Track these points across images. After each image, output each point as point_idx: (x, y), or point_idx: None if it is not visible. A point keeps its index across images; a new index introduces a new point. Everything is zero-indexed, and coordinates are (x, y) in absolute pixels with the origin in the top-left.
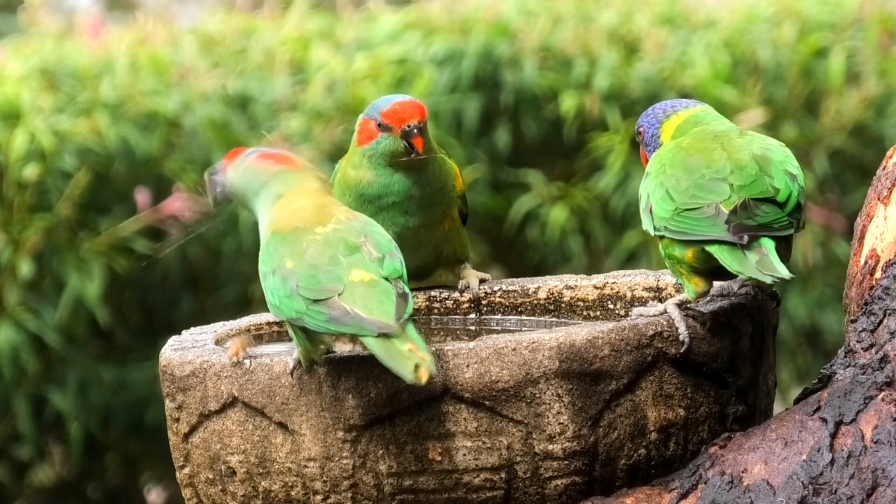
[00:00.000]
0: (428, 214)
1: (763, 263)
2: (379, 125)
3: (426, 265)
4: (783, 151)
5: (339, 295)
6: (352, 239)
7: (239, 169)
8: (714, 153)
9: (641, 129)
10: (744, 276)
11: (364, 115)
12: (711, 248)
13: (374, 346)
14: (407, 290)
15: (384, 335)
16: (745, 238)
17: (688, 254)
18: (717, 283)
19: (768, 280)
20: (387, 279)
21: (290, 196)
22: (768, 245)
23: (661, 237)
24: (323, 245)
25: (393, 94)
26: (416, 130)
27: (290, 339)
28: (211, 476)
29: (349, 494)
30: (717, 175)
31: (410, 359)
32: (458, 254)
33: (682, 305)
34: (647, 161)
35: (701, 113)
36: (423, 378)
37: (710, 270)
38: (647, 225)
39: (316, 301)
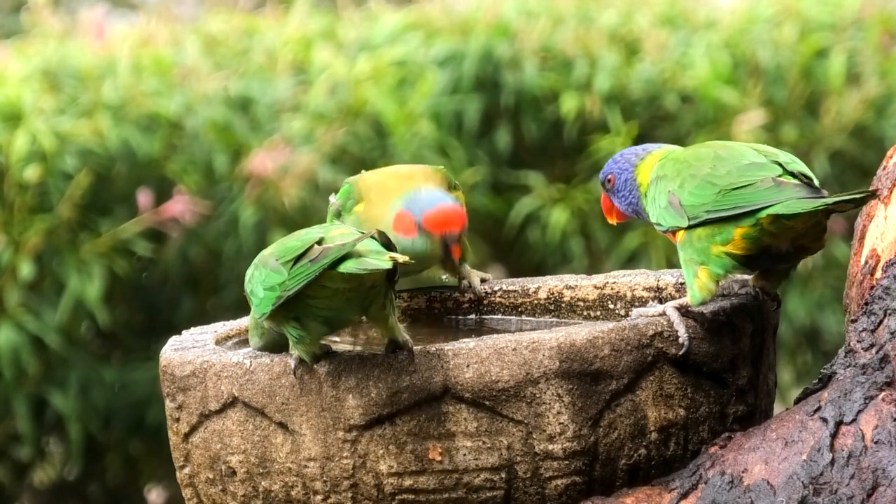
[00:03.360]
0: None
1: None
2: (420, 227)
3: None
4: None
5: (318, 243)
6: (332, 227)
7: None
8: (736, 149)
9: (611, 177)
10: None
11: (403, 208)
12: (776, 209)
13: (351, 265)
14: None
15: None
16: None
17: (735, 235)
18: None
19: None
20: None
21: None
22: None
23: (695, 226)
24: (304, 232)
25: (428, 195)
26: (454, 241)
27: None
28: (211, 476)
29: (349, 494)
30: (757, 160)
31: (385, 260)
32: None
33: (681, 308)
34: (610, 210)
35: (676, 150)
36: (400, 259)
37: (753, 253)
38: (671, 221)
39: (296, 260)
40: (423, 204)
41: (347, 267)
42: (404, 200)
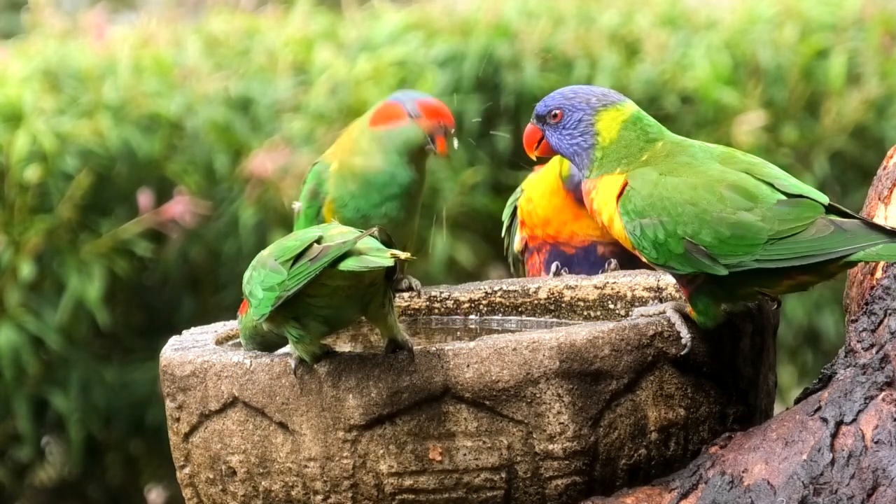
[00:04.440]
0: (411, 214)
1: None
2: (413, 113)
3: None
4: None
5: (317, 242)
6: (329, 226)
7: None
8: (739, 178)
9: (559, 112)
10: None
11: (391, 99)
12: (860, 256)
13: (352, 263)
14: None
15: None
16: None
17: (785, 282)
18: None
19: None
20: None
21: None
22: None
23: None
24: (302, 232)
25: (411, 92)
26: (444, 132)
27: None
28: (211, 476)
29: (349, 494)
30: (776, 195)
31: (385, 258)
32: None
33: (680, 310)
34: (535, 144)
35: (637, 114)
36: (402, 256)
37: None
38: (694, 267)
39: (295, 260)
40: (415, 95)
41: (348, 265)
42: (387, 98)
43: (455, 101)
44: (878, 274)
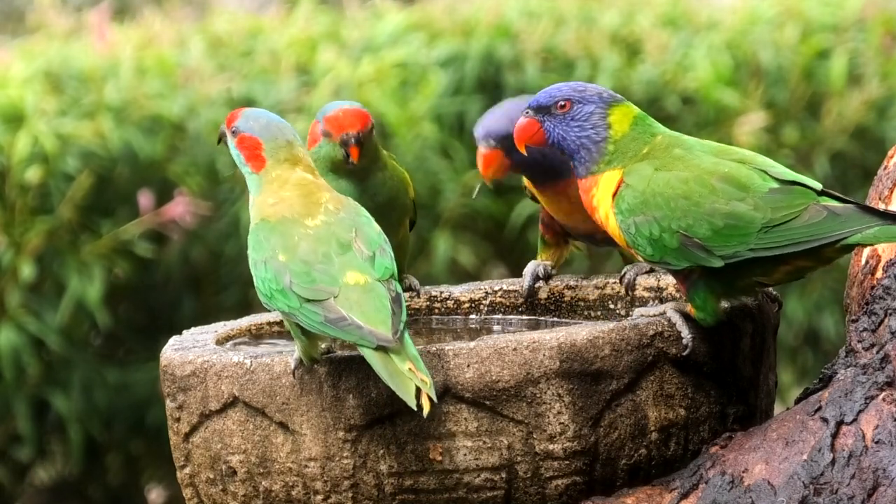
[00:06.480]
0: (381, 221)
1: None
2: (323, 131)
3: None
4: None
5: (335, 298)
6: (343, 235)
7: (229, 142)
8: (731, 168)
9: (567, 102)
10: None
11: (316, 119)
12: (856, 238)
13: (374, 360)
14: (399, 290)
15: (382, 348)
16: None
17: (781, 269)
18: None
19: None
20: (379, 281)
21: (274, 182)
22: None
23: (729, 262)
24: (315, 241)
25: (336, 102)
26: (353, 140)
27: (292, 339)
28: (212, 476)
29: (350, 494)
30: (768, 183)
31: (412, 380)
32: (401, 265)
33: (681, 310)
34: (532, 137)
35: (641, 113)
36: (426, 407)
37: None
38: (690, 260)
39: (310, 301)
40: (326, 109)
41: (368, 356)
42: (318, 114)
43: (456, 103)
44: (879, 274)
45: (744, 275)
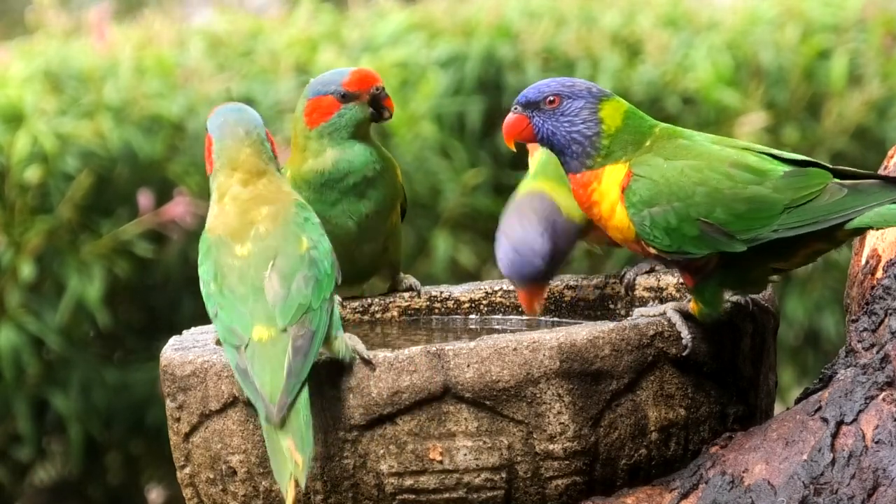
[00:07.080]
0: (381, 198)
1: None
2: (343, 96)
3: (373, 261)
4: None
5: (245, 347)
6: (258, 275)
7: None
8: (740, 155)
9: (556, 98)
10: None
11: (312, 96)
12: (882, 210)
13: (262, 426)
14: (315, 324)
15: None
16: None
17: (801, 252)
18: None
19: None
20: (286, 329)
21: (217, 191)
22: None
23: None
24: (238, 276)
25: (319, 77)
26: (384, 92)
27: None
28: (212, 476)
29: (350, 494)
30: (780, 167)
31: (286, 463)
32: (394, 254)
33: (681, 310)
34: (521, 132)
35: (632, 107)
36: (289, 497)
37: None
38: (711, 247)
39: (227, 342)
40: (334, 78)
41: (260, 419)
42: (306, 94)
43: (457, 103)
44: (879, 274)
45: (763, 260)
